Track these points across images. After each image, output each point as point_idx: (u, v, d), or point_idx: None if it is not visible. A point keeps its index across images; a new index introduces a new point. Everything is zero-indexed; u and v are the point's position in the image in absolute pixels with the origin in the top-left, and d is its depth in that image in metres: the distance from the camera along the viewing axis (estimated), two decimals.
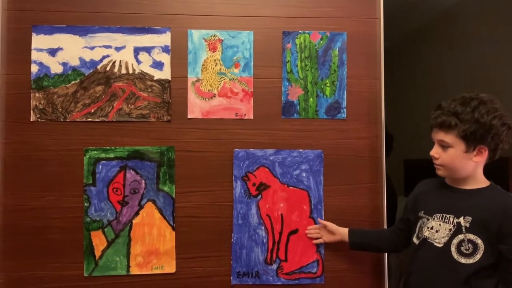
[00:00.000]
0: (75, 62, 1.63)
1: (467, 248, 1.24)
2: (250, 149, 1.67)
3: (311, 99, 1.70)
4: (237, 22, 1.68)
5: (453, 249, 1.26)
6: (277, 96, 1.69)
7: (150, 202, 1.63)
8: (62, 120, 1.62)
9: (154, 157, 1.64)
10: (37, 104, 1.61)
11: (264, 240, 1.66)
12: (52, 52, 1.62)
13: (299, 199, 1.68)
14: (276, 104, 1.69)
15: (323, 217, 1.68)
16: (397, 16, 4.04)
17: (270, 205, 1.66)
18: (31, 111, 1.61)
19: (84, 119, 1.62)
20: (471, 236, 1.24)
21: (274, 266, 1.66)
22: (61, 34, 1.63)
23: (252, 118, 1.68)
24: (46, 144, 1.61)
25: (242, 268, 1.66)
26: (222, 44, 1.68)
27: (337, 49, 1.71)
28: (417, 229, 1.38)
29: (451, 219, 1.28)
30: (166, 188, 1.64)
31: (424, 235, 1.33)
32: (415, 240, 1.37)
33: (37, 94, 1.61)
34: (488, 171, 3.01)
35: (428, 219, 1.34)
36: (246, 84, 1.68)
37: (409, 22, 4.31)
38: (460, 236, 1.25)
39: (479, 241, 1.23)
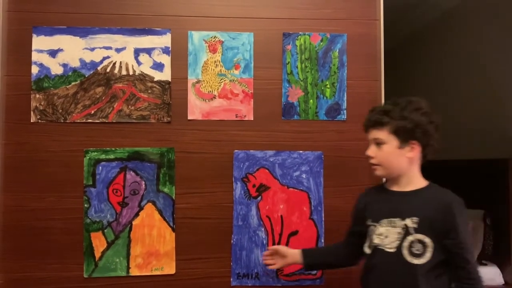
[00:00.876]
0: (76, 63, 1.63)
1: (418, 248, 1.26)
2: (250, 151, 1.67)
3: (311, 100, 1.70)
4: (237, 24, 1.69)
5: (405, 252, 1.26)
6: (277, 98, 1.69)
7: (150, 203, 1.63)
8: (62, 121, 1.62)
9: (154, 158, 1.64)
10: (38, 105, 1.61)
11: (264, 242, 1.66)
12: (53, 53, 1.62)
13: (299, 200, 1.68)
14: (276, 105, 1.69)
15: (323, 219, 1.68)
16: (397, 18, 4.04)
17: (270, 207, 1.66)
18: (32, 112, 1.61)
19: (84, 120, 1.63)
20: (419, 236, 1.26)
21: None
22: (61, 35, 1.63)
23: (252, 119, 1.68)
24: (46, 145, 1.61)
25: (242, 269, 1.66)
26: (222, 45, 1.68)
27: (337, 50, 1.71)
28: (367, 238, 1.38)
29: (398, 222, 1.29)
30: (166, 189, 1.64)
31: (374, 243, 1.32)
32: (367, 250, 1.36)
33: (37, 95, 1.61)
34: (488, 172, 3.00)
35: (376, 226, 1.34)
36: (246, 86, 1.68)
37: (409, 23, 4.31)
38: (410, 238, 1.27)
39: (427, 240, 1.25)
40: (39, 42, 1.62)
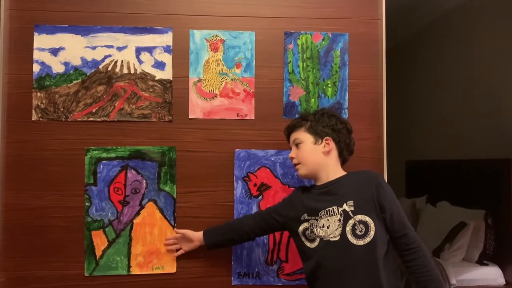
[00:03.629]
0: (77, 62, 1.63)
1: (360, 229, 1.31)
2: (251, 150, 1.67)
3: (313, 99, 1.70)
4: (239, 23, 1.68)
5: (349, 236, 1.31)
6: (279, 97, 1.69)
7: (151, 202, 1.63)
8: (63, 119, 1.62)
9: (155, 157, 1.64)
10: (39, 103, 1.61)
11: (265, 241, 1.66)
12: (54, 51, 1.63)
13: None
14: (277, 104, 1.69)
15: None
16: (399, 17, 4.04)
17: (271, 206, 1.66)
18: (33, 111, 1.61)
19: (85, 119, 1.63)
20: (359, 217, 1.32)
21: (275, 267, 1.66)
22: (63, 33, 1.63)
23: (254, 118, 1.68)
24: (48, 144, 1.61)
25: (243, 268, 1.66)
26: (223, 44, 1.68)
27: (339, 50, 1.71)
28: (303, 233, 1.40)
29: (335, 210, 1.35)
30: (167, 188, 1.64)
31: (319, 235, 1.35)
32: (308, 244, 1.38)
33: (39, 94, 1.61)
34: (489, 172, 3.00)
35: (316, 220, 1.37)
36: (247, 85, 1.68)
37: (410, 23, 4.31)
38: (351, 221, 1.32)
39: (367, 219, 1.32)
40: (41, 40, 1.62)
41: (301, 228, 1.40)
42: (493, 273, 2.77)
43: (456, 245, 2.88)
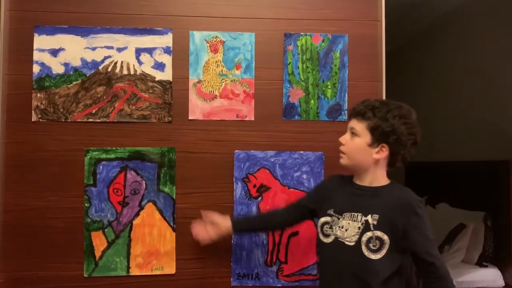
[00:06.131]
0: (77, 63, 1.63)
1: (375, 244, 1.28)
2: (251, 151, 1.67)
3: (312, 101, 1.70)
4: (238, 24, 1.69)
5: (363, 246, 1.29)
6: (278, 98, 1.69)
7: (151, 203, 1.63)
8: (63, 120, 1.62)
9: (154, 158, 1.64)
10: (39, 104, 1.61)
11: (265, 242, 1.66)
12: (54, 52, 1.63)
13: None
14: (277, 105, 1.69)
15: None
16: (398, 19, 4.04)
17: (270, 207, 1.66)
18: (33, 111, 1.61)
19: (85, 120, 1.63)
20: (378, 233, 1.29)
21: (274, 268, 1.66)
22: (63, 34, 1.63)
23: (253, 119, 1.68)
24: (47, 144, 1.61)
25: (242, 269, 1.65)
26: (223, 45, 1.68)
27: (339, 51, 1.71)
28: (322, 226, 1.39)
29: (359, 217, 1.32)
30: (166, 189, 1.64)
31: (336, 235, 1.34)
32: (323, 239, 1.38)
33: (38, 95, 1.61)
34: (489, 174, 2.99)
35: (338, 218, 1.36)
36: (247, 86, 1.68)
37: (410, 25, 4.31)
38: (369, 234, 1.29)
39: (385, 237, 1.28)
40: (41, 41, 1.62)
41: (322, 220, 1.39)
42: (492, 275, 2.77)
43: (456, 247, 2.88)
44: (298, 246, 1.67)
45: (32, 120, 1.61)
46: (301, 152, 1.68)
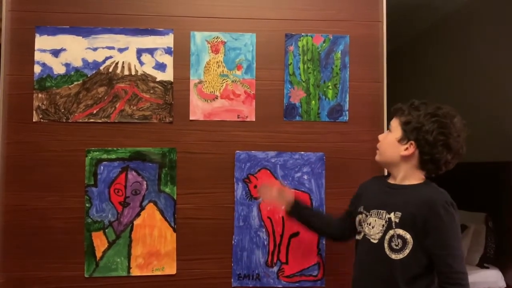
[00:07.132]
0: (78, 63, 1.63)
1: (397, 243, 1.26)
2: (252, 151, 1.67)
3: (313, 101, 1.70)
4: (239, 24, 1.69)
5: (385, 245, 1.28)
6: (279, 99, 1.69)
7: (152, 203, 1.63)
8: (64, 120, 1.62)
9: (155, 158, 1.64)
10: (40, 104, 1.61)
11: (265, 243, 1.66)
12: (55, 53, 1.63)
13: None
14: (278, 106, 1.69)
15: None
16: (400, 20, 4.04)
17: (271, 208, 1.66)
18: (34, 112, 1.61)
19: (86, 120, 1.63)
20: (400, 232, 1.26)
21: (275, 269, 1.66)
22: (64, 35, 1.63)
23: (254, 120, 1.68)
24: (48, 145, 1.61)
25: (243, 270, 1.65)
26: (224, 46, 1.68)
27: (340, 52, 1.71)
28: (356, 224, 1.40)
29: (384, 215, 1.31)
30: (167, 190, 1.64)
31: (365, 231, 1.35)
32: (356, 236, 1.40)
33: (39, 95, 1.61)
34: (489, 175, 2.98)
35: (367, 216, 1.36)
36: (248, 86, 1.68)
37: (412, 25, 4.31)
38: (391, 232, 1.28)
39: (408, 236, 1.25)
40: (42, 41, 1.62)
41: (357, 218, 1.40)
42: (493, 276, 2.77)
43: None
44: (299, 247, 1.67)
45: (33, 120, 1.61)
46: (302, 152, 1.68)
